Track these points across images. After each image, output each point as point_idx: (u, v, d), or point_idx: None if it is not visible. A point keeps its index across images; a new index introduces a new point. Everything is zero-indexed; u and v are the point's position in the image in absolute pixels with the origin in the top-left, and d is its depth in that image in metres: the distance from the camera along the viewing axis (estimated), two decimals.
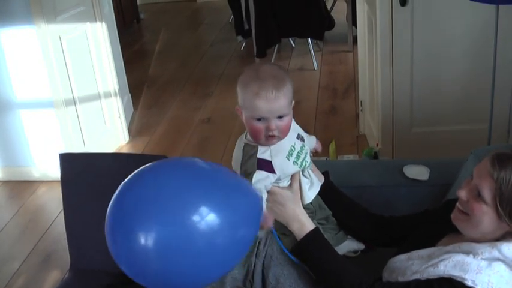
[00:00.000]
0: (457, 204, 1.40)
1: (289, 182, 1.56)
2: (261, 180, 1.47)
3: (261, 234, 1.55)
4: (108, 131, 3.90)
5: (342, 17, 5.74)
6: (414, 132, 3.17)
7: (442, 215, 1.51)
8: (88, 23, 3.66)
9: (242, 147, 1.52)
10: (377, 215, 1.69)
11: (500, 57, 2.67)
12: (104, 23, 3.77)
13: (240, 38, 5.82)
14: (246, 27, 5.64)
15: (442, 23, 2.92)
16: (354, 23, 5.21)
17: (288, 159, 1.52)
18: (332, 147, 3.00)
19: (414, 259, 1.43)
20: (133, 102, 4.51)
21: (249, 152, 1.50)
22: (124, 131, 4.02)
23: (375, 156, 2.95)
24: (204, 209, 1.10)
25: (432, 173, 1.97)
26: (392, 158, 3.14)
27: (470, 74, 3.03)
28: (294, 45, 5.65)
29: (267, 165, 1.49)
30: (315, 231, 1.53)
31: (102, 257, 1.79)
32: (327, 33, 5.36)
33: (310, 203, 1.59)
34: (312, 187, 1.59)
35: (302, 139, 1.58)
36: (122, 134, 4.01)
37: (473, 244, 1.35)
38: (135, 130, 4.19)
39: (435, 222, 1.55)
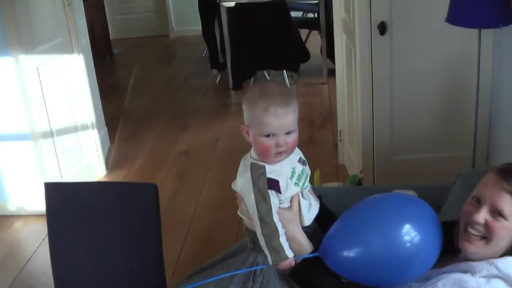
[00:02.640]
0: (470, 230, 1.36)
1: (289, 203, 1.55)
2: (273, 201, 1.48)
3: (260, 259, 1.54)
4: (86, 164, 3.86)
5: (316, 50, 5.80)
6: (395, 160, 3.18)
7: None
8: (66, 55, 3.64)
9: (249, 166, 1.50)
10: None
11: (481, 81, 2.73)
12: (81, 55, 3.75)
13: (215, 71, 5.84)
14: (221, 60, 5.67)
15: (422, 51, 2.96)
16: (329, 55, 5.39)
17: (291, 180, 1.53)
18: (317, 174, 3.01)
19: (411, 282, 1.41)
20: (109, 136, 4.48)
21: (258, 170, 1.49)
22: (101, 164, 3.99)
23: (359, 183, 2.97)
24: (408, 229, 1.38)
25: (420, 197, 1.93)
26: (374, 183, 3.16)
27: (450, 102, 3.07)
28: (268, 77, 5.68)
29: (275, 185, 1.49)
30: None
31: (89, 286, 1.86)
32: (301, 66, 5.42)
33: (308, 226, 1.58)
34: (310, 209, 1.59)
35: (304, 163, 1.59)
36: (99, 167, 3.97)
37: (470, 263, 1.34)
38: (112, 163, 4.16)
39: None
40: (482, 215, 1.34)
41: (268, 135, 1.45)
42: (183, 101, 5.42)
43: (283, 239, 1.47)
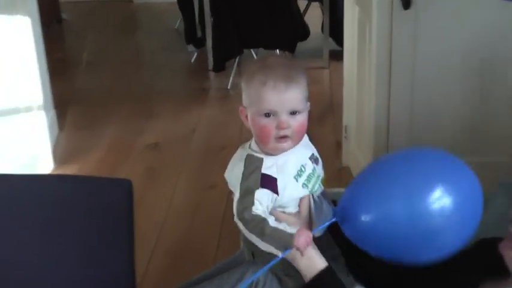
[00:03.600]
0: None
1: (297, 208, 1.59)
2: (263, 201, 1.53)
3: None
4: (28, 155, 3.85)
5: (315, 27, 5.83)
6: None
7: (476, 258, 1.55)
8: (6, 16, 3.60)
9: (244, 158, 1.56)
10: None
11: None
12: (27, 17, 3.70)
13: (191, 47, 5.84)
14: (199, 34, 5.70)
15: (453, 30, 2.97)
16: (332, 33, 5.44)
17: (297, 180, 1.58)
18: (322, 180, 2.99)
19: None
20: (58, 122, 4.48)
21: (253, 164, 1.55)
22: (48, 155, 3.99)
23: None
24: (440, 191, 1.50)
25: None
26: None
27: (486, 95, 3.10)
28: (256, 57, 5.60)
29: (271, 183, 1.54)
30: (328, 270, 1.55)
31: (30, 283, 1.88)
32: (298, 45, 5.37)
33: (320, 236, 1.62)
34: (322, 215, 1.63)
35: (316, 161, 1.65)
36: (45, 159, 3.97)
37: None
38: (61, 155, 4.16)
39: (468, 267, 1.58)
40: None
41: (268, 114, 1.51)
42: (150, 83, 5.42)
43: (276, 223, 1.53)
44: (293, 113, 1.52)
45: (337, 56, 5.13)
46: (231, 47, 5.14)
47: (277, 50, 5.16)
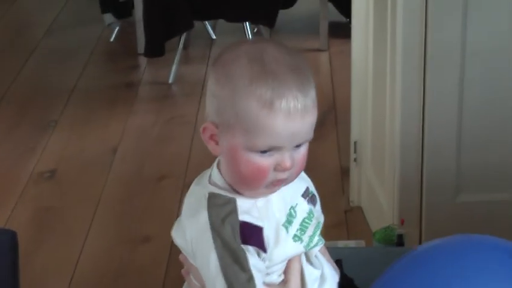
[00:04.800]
0: None
1: (281, 274, 1.57)
2: (257, 265, 1.48)
3: None
4: None
5: None
6: (462, 202, 3.17)
7: None
8: None
9: (206, 198, 1.51)
10: None
11: None
12: None
13: (109, 17, 5.63)
14: None
15: None
16: None
17: (286, 230, 1.55)
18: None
19: None
20: None
21: (223, 208, 1.50)
22: None
23: (399, 242, 2.88)
24: None
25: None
26: (420, 243, 3.16)
27: None
28: (214, 36, 5.55)
29: (255, 236, 1.50)
30: None
31: None
32: (280, 17, 5.22)
33: None
34: (323, 284, 1.62)
35: (313, 200, 1.62)
36: None
37: None
38: None
39: None
40: None
41: (265, 151, 1.47)
42: (44, 74, 5.27)
43: None
44: (299, 145, 1.48)
45: (340, 31, 5.13)
46: (174, 19, 4.94)
47: (247, 23, 5.05)
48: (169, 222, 3.71)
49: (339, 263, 1.78)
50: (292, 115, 1.42)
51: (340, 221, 3.57)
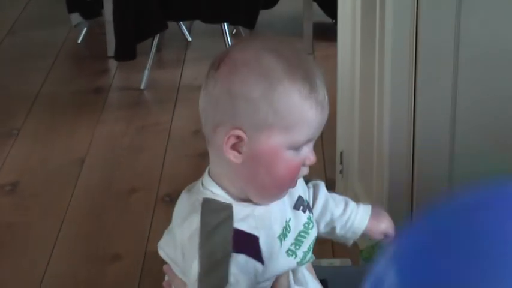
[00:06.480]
0: None
1: None
2: (241, 277, 1.46)
3: None
4: None
5: None
6: None
7: None
8: None
9: (200, 203, 1.51)
10: None
11: None
12: None
13: (76, 17, 5.56)
14: None
15: None
16: None
17: (280, 244, 1.55)
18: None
19: None
20: None
21: (218, 214, 1.50)
22: None
23: None
24: None
25: None
26: None
27: None
28: (189, 38, 5.51)
29: (250, 245, 1.49)
30: None
31: None
32: (262, 17, 5.21)
33: None
34: None
35: (307, 208, 1.65)
36: None
37: None
38: None
39: None
40: None
41: (299, 147, 1.51)
42: (5, 79, 5.18)
43: None
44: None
45: (326, 33, 5.16)
46: (147, 19, 4.88)
47: (225, 24, 5.00)
48: (140, 239, 3.63)
49: (324, 283, 1.80)
50: (325, 106, 1.49)
51: (325, 238, 3.50)
